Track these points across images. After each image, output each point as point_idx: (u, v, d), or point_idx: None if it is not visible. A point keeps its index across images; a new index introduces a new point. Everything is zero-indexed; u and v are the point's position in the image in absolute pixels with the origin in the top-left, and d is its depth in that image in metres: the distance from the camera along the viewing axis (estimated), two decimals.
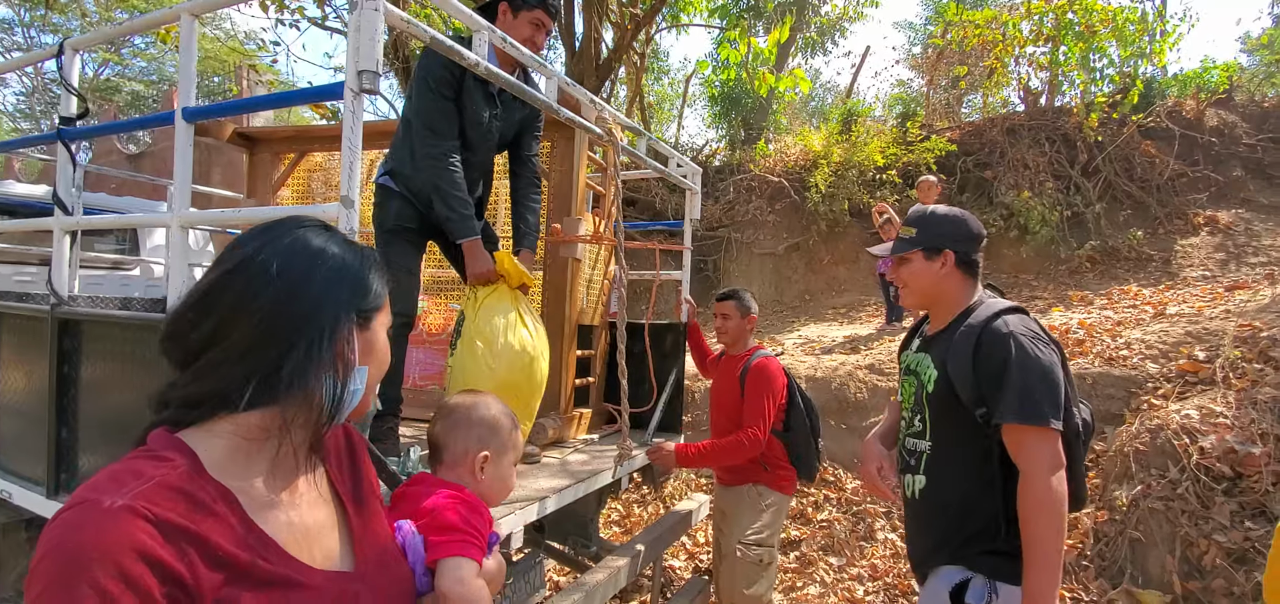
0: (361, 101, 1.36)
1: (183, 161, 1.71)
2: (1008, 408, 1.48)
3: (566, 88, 2.18)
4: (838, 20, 11.51)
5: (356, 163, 1.38)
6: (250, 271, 0.76)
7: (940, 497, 1.65)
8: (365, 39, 1.32)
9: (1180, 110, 9.11)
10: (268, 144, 4.06)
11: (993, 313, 1.60)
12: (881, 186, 8.89)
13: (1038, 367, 1.49)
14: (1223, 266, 7.34)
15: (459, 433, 1.20)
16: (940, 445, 1.65)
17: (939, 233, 1.70)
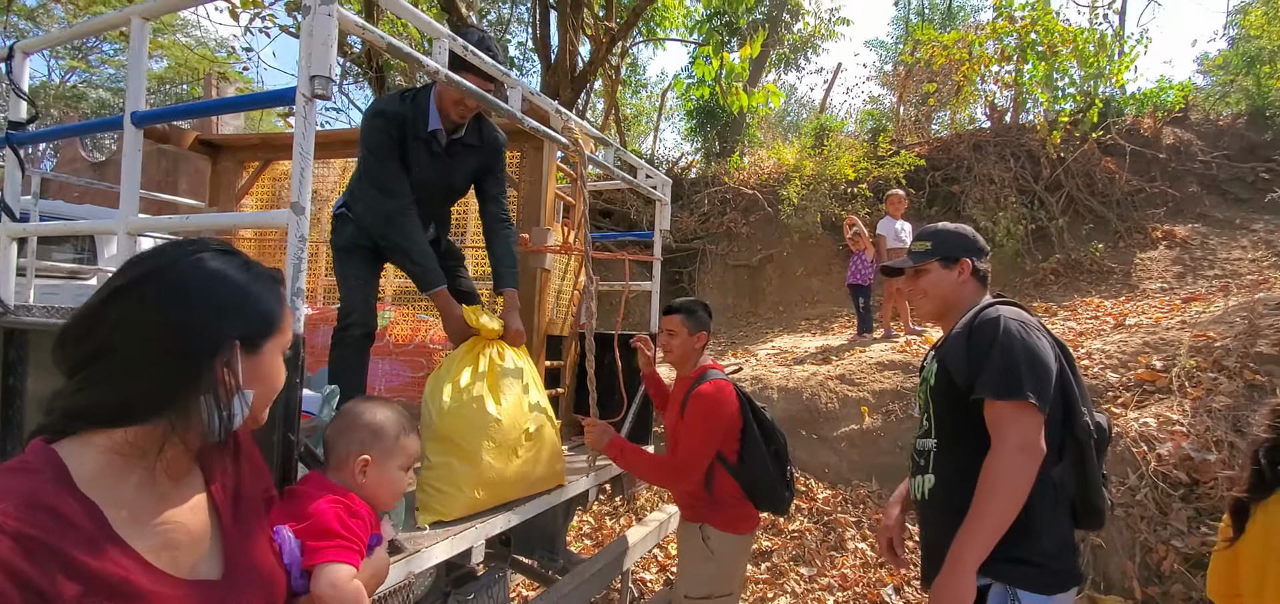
0: (314, 107, 1.33)
1: (131, 166, 1.66)
2: (986, 383, 1.48)
3: (532, 98, 2.17)
4: (810, 37, 11.70)
5: (308, 169, 1.35)
6: (138, 290, 0.79)
7: (950, 496, 1.60)
8: (318, 44, 1.29)
9: (1138, 128, 9.41)
10: (231, 151, 3.98)
11: (986, 304, 1.65)
12: (852, 200, 9.02)
13: (1022, 347, 1.49)
14: (1180, 279, 7.57)
15: (344, 436, 1.26)
16: (945, 441, 1.65)
17: (954, 243, 1.75)
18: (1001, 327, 1.53)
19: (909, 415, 4.88)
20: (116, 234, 1.71)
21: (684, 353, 2.50)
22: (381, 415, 1.29)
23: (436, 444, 2.04)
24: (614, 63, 8.99)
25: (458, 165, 2.40)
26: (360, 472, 1.24)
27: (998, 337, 1.51)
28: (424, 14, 1.64)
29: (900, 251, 6.32)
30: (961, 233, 1.79)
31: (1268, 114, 9.62)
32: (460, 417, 2.04)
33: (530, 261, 3.07)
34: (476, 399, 2.08)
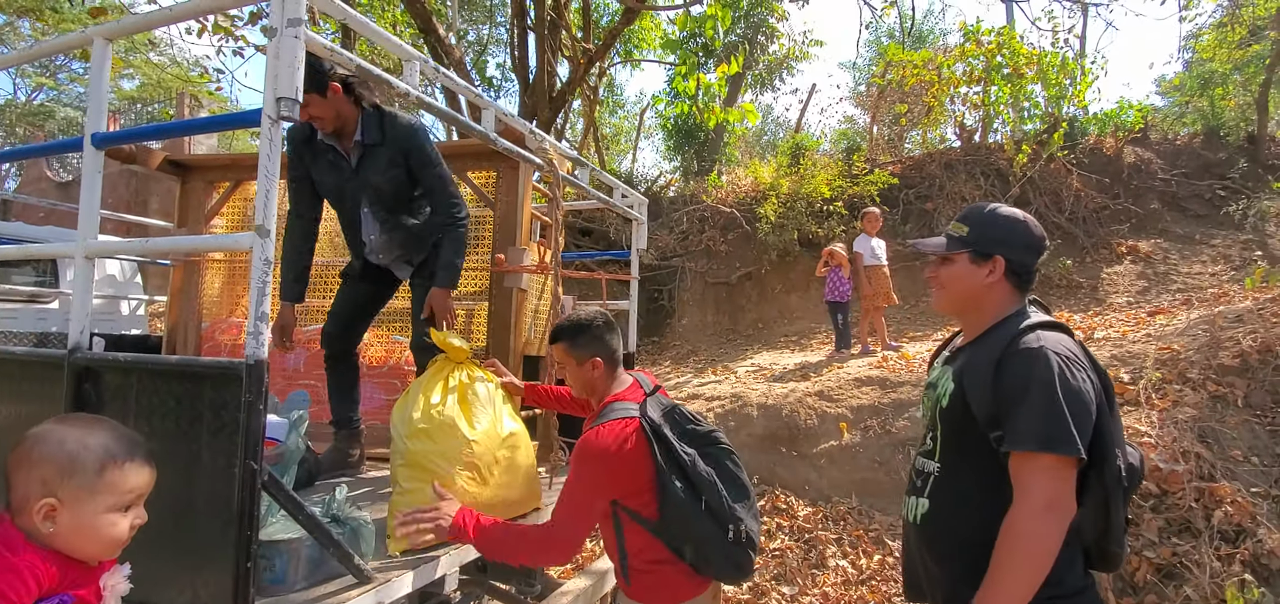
0: (278, 129, 1.31)
1: (90, 188, 1.62)
2: (1024, 432, 1.28)
3: (505, 119, 2.17)
4: (785, 58, 11.91)
5: (272, 191, 1.32)
6: None
7: (943, 527, 1.46)
8: (284, 66, 1.28)
9: (1101, 148, 9.71)
10: (200, 172, 3.91)
11: (1025, 326, 1.40)
12: (828, 218, 9.14)
13: (1065, 391, 1.28)
14: (1144, 293, 7.77)
15: (20, 473, 0.98)
16: (949, 469, 1.46)
17: (993, 236, 1.48)
18: (1043, 363, 1.31)
19: (887, 431, 4.91)
20: (71, 256, 1.66)
21: (583, 386, 1.96)
22: (76, 441, 1.00)
23: (408, 470, 1.99)
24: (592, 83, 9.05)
25: (371, 169, 2.46)
26: (42, 520, 0.96)
27: (1036, 376, 1.30)
28: (395, 37, 1.63)
29: (877, 268, 6.40)
30: (1010, 221, 1.50)
31: (1222, 133, 9.99)
32: (432, 440, 1.99)
33: (506, 281, 3.05)
34: (448, 421, 2.03)
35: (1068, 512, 1.27)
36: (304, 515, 1.57)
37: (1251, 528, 3.26)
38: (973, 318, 1.53)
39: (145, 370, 1.56)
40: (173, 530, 1.48)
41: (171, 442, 1.49)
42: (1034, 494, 1.26)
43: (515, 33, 8.13)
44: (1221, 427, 3.76)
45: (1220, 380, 4.01)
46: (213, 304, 4.04)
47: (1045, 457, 1.26)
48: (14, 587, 0.90)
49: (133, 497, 1.04)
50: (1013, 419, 1.30)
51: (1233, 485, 3.42)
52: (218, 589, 1.39)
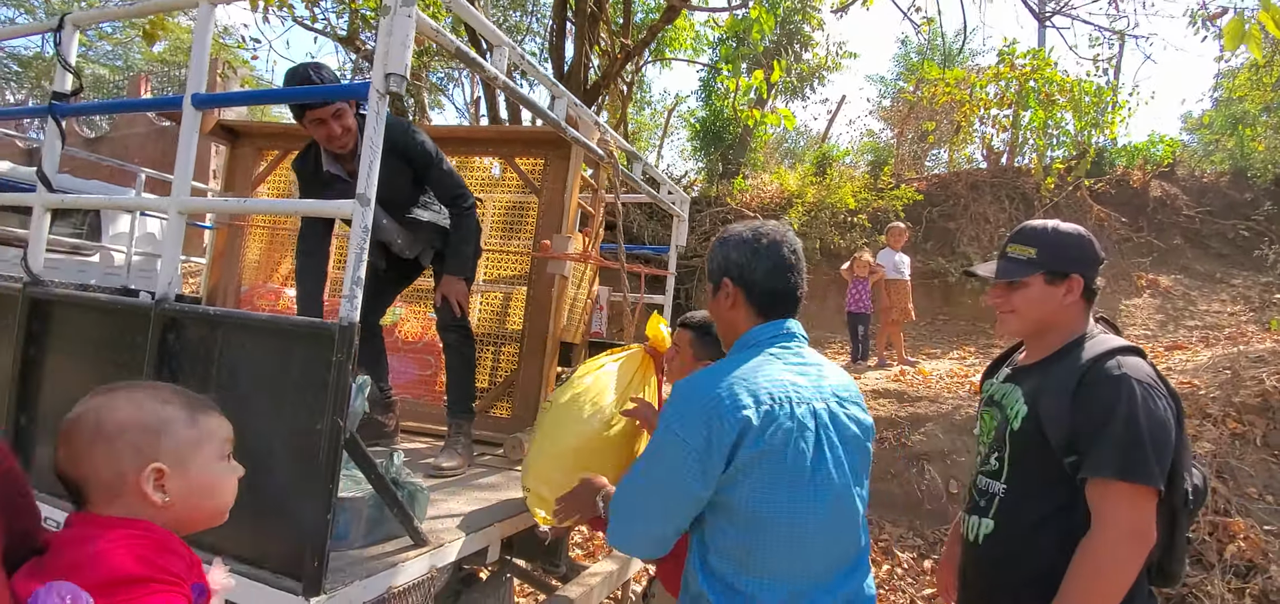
0: (385, 103, 1.38)
1: (187, 147, 1.70)
2: (1106, 461, 1.26)
3: (573, 110, 2.24)
4: (817, 69, 11.94)
5: (376, 163, 1.40)
6: None
7: (1008, 549, 1.43)
8: (396, 43, 1.35)
9: (1128, 179, 9.69)
10: (250, 139, 4.00)
11: (1105, 350, 1.36)
12: (852, 229, 9.17)
13: (1149, 419, 1.26)
14: (1162, 327, 7.77)
15: (98, 451, 0.81)
16: (1017, 491, 1.43)
17: (1066, 254, 1.44)
18: (1127, 391, 1.28)
19: (902, 444, 4.96)
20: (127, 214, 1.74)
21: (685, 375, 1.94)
22: (150, 400, 0.86)
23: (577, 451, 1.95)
24: (625, 79, 9.12)
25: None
26: (155, 489, 0.82)
27: (1120, 403, 1.27)
28: (488, 22, 1.70)
29: (899, 283, 6.43)
30: (1078, 238, 1.47)
31: (1249, 174, 9.94)
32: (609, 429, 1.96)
33: (548, 267, 3.12)
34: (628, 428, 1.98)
35: (1149, 541, 1.26)
36: (375, 475, 1.64)
37: (1263, 564, 3.30)
38: (1045, 339, 1.48)
39: (233, 324, 1.64)
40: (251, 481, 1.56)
41: (254, 397, 1.56)
42: (1115, 522, 1.25)
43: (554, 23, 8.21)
44: (1239, 464, 3.79)
45: (1240, 418, 4.04)
46: (251, 269, 4.13)
47: (1126, 485, 1.25)
48: (183, 565, 0.81)
49: (231, 443, 0.94)
50: (1094, 446, 1.28)
51: (1247, 521, 3.46)
52: (295, 541, 1.43)
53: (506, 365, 3.44)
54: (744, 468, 1.18)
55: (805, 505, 1.20)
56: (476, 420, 2.92)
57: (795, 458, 1.20)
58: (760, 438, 1.17)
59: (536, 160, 3.36)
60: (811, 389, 1.27)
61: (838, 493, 1.25)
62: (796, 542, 1.20)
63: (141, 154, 12.04)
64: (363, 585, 1.51)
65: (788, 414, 1.20)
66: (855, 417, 1.35)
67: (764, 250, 1.35)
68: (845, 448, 1.28)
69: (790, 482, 1.20)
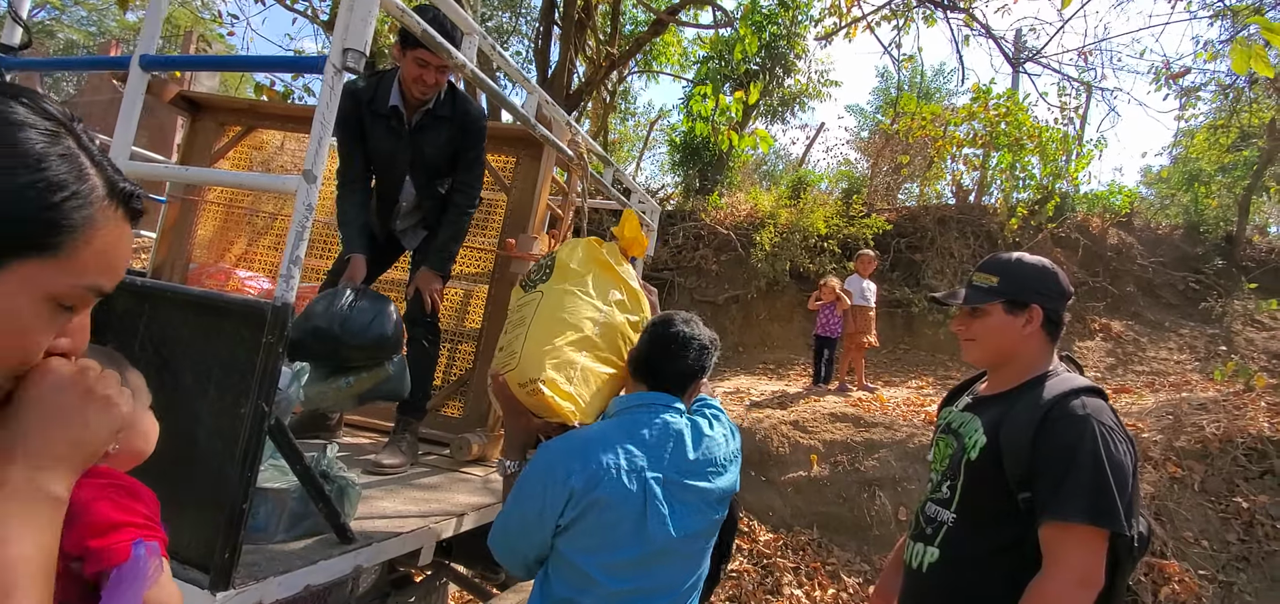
0: (341, 80, 1.35)
1: (129, 111, 1.63)
2: (1069, 503, 1.24)
3: (545, 107, 2.21)
4: (798, 94, 12.12)
5: (325, 139, 1.36)
6: None
7: (952, 580, 1.41)
8: (357, 18, 1.32)
9: (1087, 225, 10.01)
10: (212, 112, 3.89)
11: (1070, 389, 1.36)
12: (822, 254, 9.29)
13: (1113, 463, 1.26)
14: (1112, 370, 8.01)
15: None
16: (966, 521, 1.42)
17: (1026, 284, 1.45)
18: (1090, 433, 1.28)
19: (856, 469, 5.01)
20: None
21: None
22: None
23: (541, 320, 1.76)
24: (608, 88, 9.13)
25: (428, 139, 2.49)
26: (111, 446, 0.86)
27: (1084, 445, 1.27)
28: (461, 10, 1.67)
29: (864, 309, 6.52)
30: (1041, 270, 1.48)
31: (1201, 230, 10.36)
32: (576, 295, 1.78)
33: (511, 267, 3.08)
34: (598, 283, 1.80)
35: (1098, 586, 1.25)
36: (300, 467, 1.58)
37: None
38: (1007, 371, 1.48)
39: (162, 297, 1.56)
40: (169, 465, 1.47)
41: (179, 374, 1.48)
42: (1068, 566, 1.24)
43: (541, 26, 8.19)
44: (1177, 507, 3.91)
45: (1180, 463, 4.17)
46: (201, 247, 3.99)
47: (1086, 529, 1.24)
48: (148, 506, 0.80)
49: (144, 393, 0.96)
50: (1056, 488, 1.26)
51: (1182, 565, 3.56)
52: (209, 528, 1.36)
53: (461, 364, 3.38)
54: (567, 527, 1.37)
55: (622, 560, 1.38)
56: (426, 419, 2.85)
57: (615, 520, 1.37)
58: (582, 500, 1.35)
59: (508, 158, 3.32)
60: (651, 459, 1.43)
61: (661, 550, 1.41)
62: (612, 591, 1.38)
63: (104, 122, 11.65)
64: (278, 581, 1.44)
65: (612, 481, 1.37)
66: (700, 485, 1.49)
67: (657, 334, 1.57)
68: (680, 513, 1.44)
69: (610, 540, 1.37)
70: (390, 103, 2.43)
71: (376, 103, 2.44)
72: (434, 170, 2.58)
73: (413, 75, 2.33)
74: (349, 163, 2.53)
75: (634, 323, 1.71)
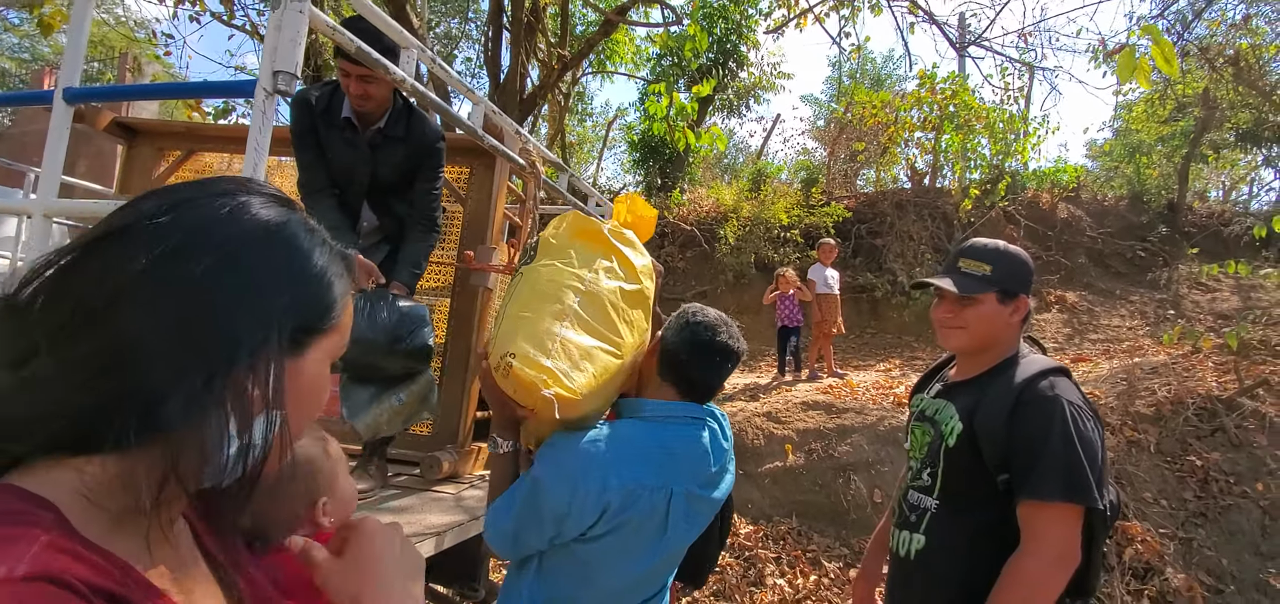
0: (273, 103, 1.29)
1: (56, 145, 1.55)
2: (1045, 482, 1.28)
3: (491, 115, 2.17)
4: (753, 87, 12.23)
5: (261, 164, 1.30)
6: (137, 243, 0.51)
7: (940, 564, 1.45)
8: (285, 39, 1.27)
9: (1037, 202, 10.34)
10: (150, 138, 3.73)
11: (1037, 371, 1.40)
12: (785, 244, 9.40)
13: (1085, 441, 1.30)
14: (1069, 340, 8.28)
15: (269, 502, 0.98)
16: (949, 506, 1.45)
17: (1018, 276, 1.48)
18: (1060, 412, 1.32)
19: (830, 455, 5.07)
20: (20, 216, 1.58)
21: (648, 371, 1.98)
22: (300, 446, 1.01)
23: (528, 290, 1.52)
24: (563, 90, 9.07)
25: (382, 157, 2.43)
26: (323, 517, 1.06)
27: (1056, 426, 1.31)
28: (395, 23, 1.63)
29: (829, 296, 6.61)
30: (1024, 260, 1.51)
31: (1145, 199, 10.79)
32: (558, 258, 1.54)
33: (472, 279, 3.03)
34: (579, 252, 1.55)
35: (1075, 560, 1.29)
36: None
37: (1159, 566, 3.52)
38: (982, 356, 1.50)
39: None
40: None
41: None
42: (1046, 543, 1.28)
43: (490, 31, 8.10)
44: (1135, 469, 4.05)
45: (1136, 426, 4.32)
46: None
47: (1060, 506, 1.28)
48: None
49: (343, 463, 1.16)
50: (1031, 468, 1.30)
51: (1143, 525, 3.69)
52: None
53: None
54: (593, 538, 1.29)
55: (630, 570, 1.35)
56: (400, 437, 2.78)
57: (638, 538, 1.32)
58: (615, 518, 1.28)
59: (462, 168, 3.26)
60: (680, 476, 1.36)
61: (669, 556, 1.39)
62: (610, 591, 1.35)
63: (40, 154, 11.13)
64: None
65: (646, 501, 1.31)
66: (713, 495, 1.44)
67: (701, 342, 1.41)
68: (689, 522, 1.39)
69: (630, 553, 1.33)
70: (342, 114, 2.38)
71: (330, 113, 2.38)
72: (390, 189, 2.52)
73: (343, 85, 2.29)
74: (313, 173, 2.44)
75: (628, 291, 1.49)
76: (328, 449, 1.10)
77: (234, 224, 0.55)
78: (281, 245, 0.57)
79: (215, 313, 0.52)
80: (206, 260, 0.52)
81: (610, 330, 1.41)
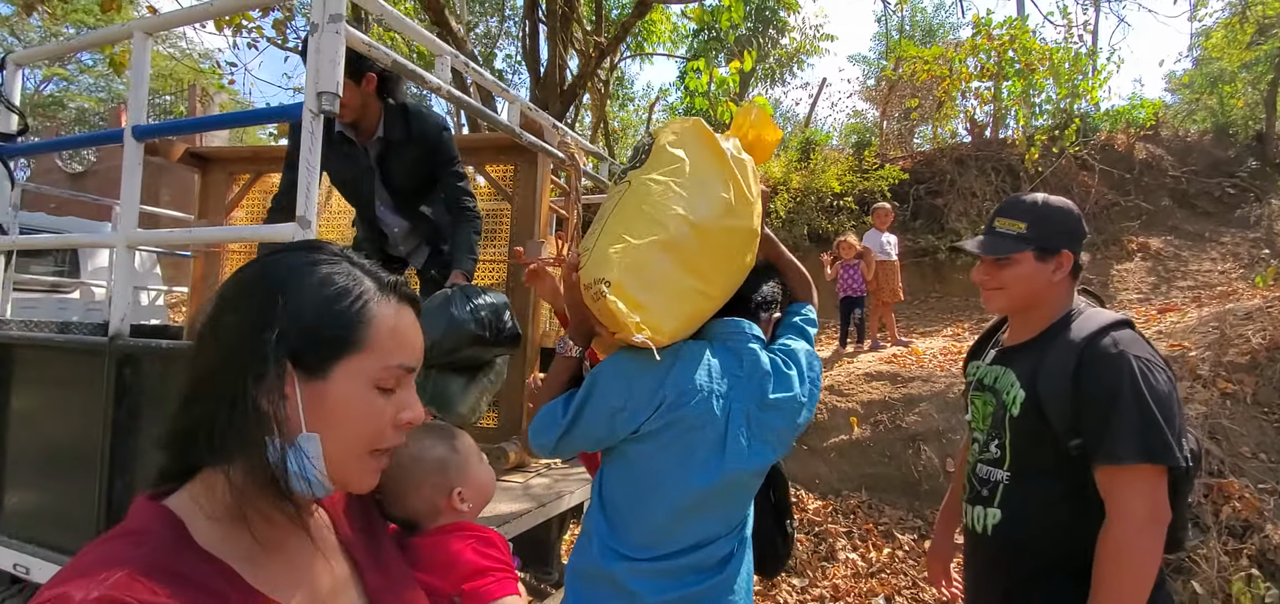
0: (320, 122, 1.35)
1: (131, 180, 1.67)
2: (1122, 445, 1.22)
3: (528, 112, 2.20)
4: (795, 53, 11.90)
5: (314, 183, 1.37)
6: (208, 305, 0.68)
7: (1022, 535, 1.39)
8: (325, 61, 1.32)
9: (1112, 144, 9.68)
10: (221, 164, 3.96)
11: (1099, 326, 1.32)
12: (838, 213, 9.15)
13: (1157, 395, 1.23)
14: (1155, 289, 7.77)
15: (415, 492, 1.06)
16: (1022, 476, 1.40)
17: (1057, 229, 1.40)
18: (1129, 368, 1.25)
19: (897, 426, 4.94)
20: (106, 248, 1.71)
21: None
22: (423, 446, 1.09)
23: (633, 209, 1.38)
24: (602, 77, 9.08)
25: (392, 164, 2.43)
26: (460, 504, 1.08)
27: (1125, 383, 1.24)
28: (427, 33, 1.67)
29: (888, 263, 6.40)
30: (1067, 212, 1.43)
31: (1230, 132, 9.95)
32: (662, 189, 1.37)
33: (523, 274, 3.08)
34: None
35: (1166, 517, 1.23)
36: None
37: (1258, 523, 3.28)
38: (1033, 317, 1.44)
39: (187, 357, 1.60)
40: None
41: None
42: (1135, 508, 1.22)
43: (527, 26, 8.17)
44: (1230, 423, 3.78)
45: (1230, 377, 4.02)
46: None
47: (1141, 468, 1.22)
48: (501, 553, 1.02)
49: (475, 451, 1.17)
50: (1105, 431, 1.24)
51: (1241, 481, 3.44)
52: None
53: None
54: (648, 434, 1.27)
55: (691, 482, 1.28)
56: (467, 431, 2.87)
57: (696, 443, 1.28)
58: (669, 413, 1.26)
59: (507, 167, 3.32)
60: (739, 390, 1.32)
61: (730, 482, 1.32)
62: (673, 505, 1.29)
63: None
64: None
65: (702, 401, 1.27)
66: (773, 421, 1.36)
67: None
68: (752, 445, 1.33)
69: (686, 464, 1.28)
70: (336, 128, 2.37)
71: (329, 130, 2.36)
72: (412, 195, 2.53)
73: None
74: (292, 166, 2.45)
75: (737, 229, 1.34)
76: (456, 444, 1.12)
77: (250, 276, 0.68)
78: (275, 284, 0.66)
79: (232, 350, 0.64)
80: (230, 311, 0.66)
81: (712, 269, 1.31)
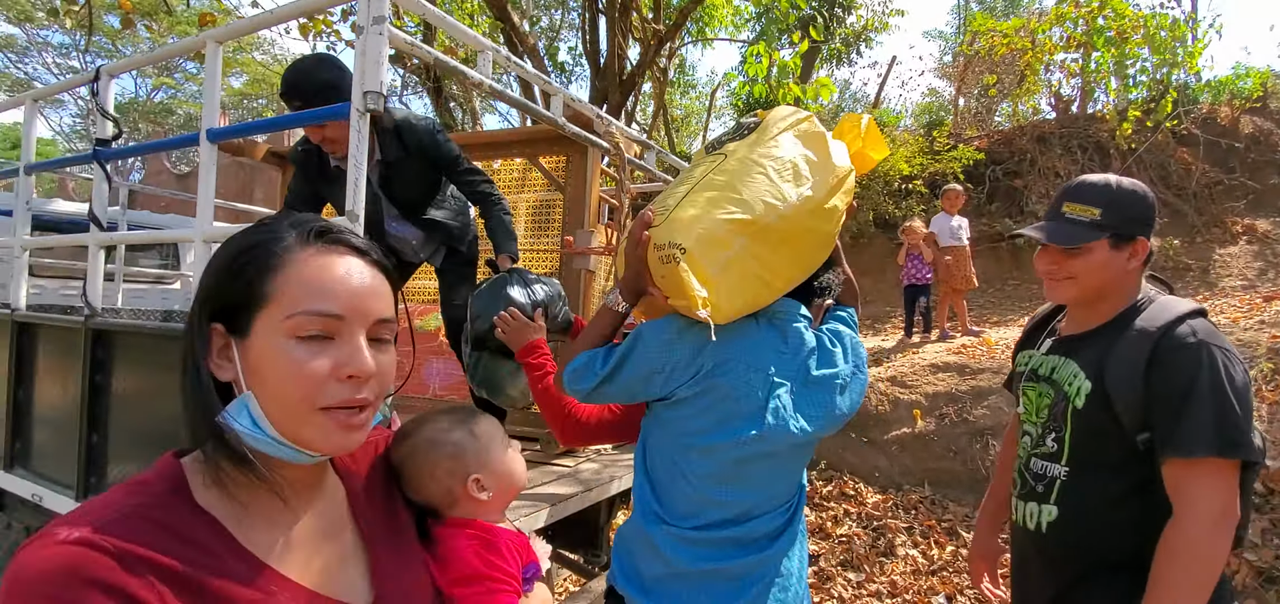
0: (366, 121, 1.42)
1: (207, 178, 1.81)
2: (1196, 437, 1.15)
3: (573, 105, 2.24)
4: (863, 30, 11.46)
5: (361, 179, 1.44)
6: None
7: (1081, 534, 1.33)
8: (370, 62, 1.39)
9: (1215, 117, 8.84)
10: None
11: (1175, 317, 1.25)
12: (907, 197, 8.79)
13: (1235, 387, 1.17)
14: (1261, 275, 7.08)
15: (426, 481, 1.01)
16: (1082, 472, 1.33)
17: (1133, 215, 1.31)
18: (1208, 359, 1.18)
19: (964, 419, 4.74)
20: (194, 242, 1.86)
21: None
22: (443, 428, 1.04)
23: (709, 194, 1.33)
24: (662, 65, 9.04)
25: (395, 185, 2.38)
26: (478, 492, 1.02)
27: (1204, 374, 1.17)
28: (469, 29, 1.72)
29: (958, 249, 6.10)
30: (1141, 196, 1.34)
31: None
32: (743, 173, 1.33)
33: (574, 263, 3.15)
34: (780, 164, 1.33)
35: (1235, 519, 1.17)
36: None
37: None
38: (1100, 306, 1.36)
39: None
40: None
41: None
42: (1204, 505, 1.15)
43: (586, 17, 8.24)
44: None
45: None
46: None
47: (1215, 462, 1.15)
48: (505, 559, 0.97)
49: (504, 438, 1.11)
50: (1178, 423, 1.17)
51: None
52: None
53: None
54: (683, 399, 1.26)
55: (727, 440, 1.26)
56: (513, 417, 2.96)
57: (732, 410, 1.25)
58: (706, 380, 1.24)
59: (559, 157, 3.39)
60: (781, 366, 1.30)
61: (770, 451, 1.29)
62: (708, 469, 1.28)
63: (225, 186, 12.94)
64: None
65: (740, 374, 1.25)
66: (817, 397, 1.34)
67: None
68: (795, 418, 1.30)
69: (722, 426, 1.26)
70: (331, 164, 2.31)
71: (322, 167, 2.33)
72: (420, 203, 2.52)
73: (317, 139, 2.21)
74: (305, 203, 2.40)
75: (821, 234, 1.32)
76: (475, 429, 1.06)
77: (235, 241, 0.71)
78: (216, 256, 0.71)
79: (187, 326, 0.70)
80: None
81: (782, 263, 1.27)
